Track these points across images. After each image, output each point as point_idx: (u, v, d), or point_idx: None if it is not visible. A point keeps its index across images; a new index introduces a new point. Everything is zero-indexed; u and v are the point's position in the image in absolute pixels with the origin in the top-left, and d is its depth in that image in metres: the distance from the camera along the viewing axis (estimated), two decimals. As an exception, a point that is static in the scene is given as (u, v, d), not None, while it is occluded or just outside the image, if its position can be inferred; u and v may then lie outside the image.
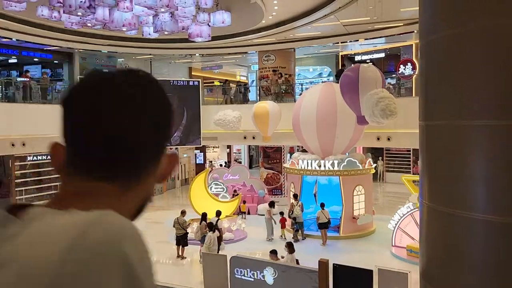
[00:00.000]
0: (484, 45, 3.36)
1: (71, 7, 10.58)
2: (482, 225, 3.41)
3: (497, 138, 3.30)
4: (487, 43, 3.33)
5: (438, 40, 3.81)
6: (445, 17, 3.71)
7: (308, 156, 14.24)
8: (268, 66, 19.33)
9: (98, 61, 20.44)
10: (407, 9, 13.59)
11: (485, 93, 3.35)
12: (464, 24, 3.50)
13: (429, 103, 4.04)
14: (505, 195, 3.27)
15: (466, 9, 3.48)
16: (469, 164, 3.52)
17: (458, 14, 3.53)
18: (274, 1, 12.81)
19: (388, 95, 10.03)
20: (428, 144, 4.09)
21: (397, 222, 12.41)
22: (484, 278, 3.40)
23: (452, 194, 3.68)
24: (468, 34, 3.46)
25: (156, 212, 18.71)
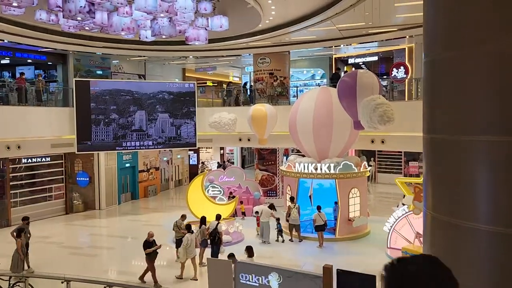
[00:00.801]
0: (488, 68, 3.55)
1: (71, 12, 10.59)
2: (484, 235, 3.60)
3: (500, 153, 3.50)
4: (492, 66, 3.52)
5: (443, 59, 4.00)
6: (450, 39, 3.90)
7: (305, 159, 14.42)
8: (264, 68, 19.48)
9: (92, 63, 20.35)
10: (401, 15, 13.86)
11: (489, 111, 3.55)
12: (469, 47, 3.70)
13: (434, 118, 4.22)
14: (507, 207, 3.47)
15: (472, 33, 3.67)
16: (472, 177, 3.72)
17: (463, 37, 3.73)
18: (272, 6, 12.95)
19: (385, 101, 10.24)
20: (432, 156, 4.28)
21: (392, 224, 12.65)
22: (487, 286, 3.60)
23: (456, 205, 3.87)
24: (473, 56, 3.66)
25: (152, 214, 18.80)
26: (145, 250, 10.47)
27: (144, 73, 23.01)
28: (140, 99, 17.75)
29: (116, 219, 18.36)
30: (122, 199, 20.85)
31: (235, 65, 26.22)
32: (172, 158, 24.86)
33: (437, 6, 4.11)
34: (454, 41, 3.83)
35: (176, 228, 11.89)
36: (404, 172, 25.55)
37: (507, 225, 3.46)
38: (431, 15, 4.25)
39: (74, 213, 18.87)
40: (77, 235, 16.23)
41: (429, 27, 4.30)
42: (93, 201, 19.40)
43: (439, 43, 4.11)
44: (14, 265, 10.63)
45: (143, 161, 22.17)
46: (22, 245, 10.79)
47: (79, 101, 16.44)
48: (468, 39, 3.70)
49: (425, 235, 4.56)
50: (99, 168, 19.24)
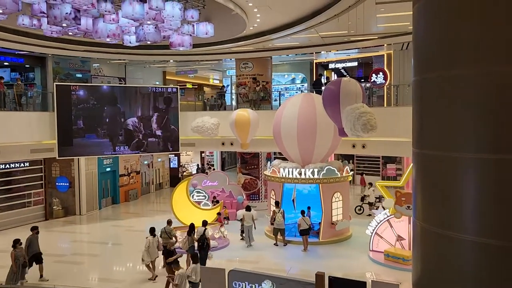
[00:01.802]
0: (478, 88, 3.83)
1: (56, 18, 10.46)
2: (471, 246, 3.89)
3: (487, 169, 3.78)
4: (482, 86, 3.80)
5: (433, 78, 4.27)
6: (441, 59, 4.16)
7: (289, 164, 14.66)
8: (246, 73, 19.63)
9: (71, 65, 20.04)
10: (382, 25, 14.28)
11: (478, 130, 3.82)
12: (460, 68, 3.96)
13: (424, 134, 4.48)
14: (492, 220, 3.75)
15: (463, 55, 3.94)
16: (460, 191, 3.99)
17: (454, 58, 3.99)
18: (257, 14, 13.11)
19: (368, 110, 10.56)
20: (422, 170, 4.54)
21: (374, 228, 13.02)
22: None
23: (444, 217, 4.15)
24: (464, 77, 3.93)
25: (134, 219, 18.65)
26: (167, 260, 10.36)
27: (125, 76, 22.81)
28: (122, 103, 17.60)
29: (97, 224, 18.14)
30: (103, 204, 20.62)
31: (217, 68, 26.30)
32: (152, 162, 24.72)
33: (427, 27, 4.36)
34: (445, 61, 4.09)
35: (165, 235, 11.89)
36: (382, 174, 26.17)
37: (493, 237, 3.75)
38: (421, 35, 4.50)
39: (54, 219, 18.54)
40: (59, 242, 15.97)
41: (419, 47, 4.55)
42: (73, 207, 19.12)
43: (429, 63, 4.36)
44: (8, 277, 10.41)
45: (123, 165, 21.96)
46: (16, 256, 10.49)
47: (60, 105, 16.18)
48: (459, 60, 3.96)
49: (414, 245, 4.82)
50: (79, 172, 18.97)
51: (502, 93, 3.70)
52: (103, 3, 10.33)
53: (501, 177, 3.76)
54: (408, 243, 12.43)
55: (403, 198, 12.24)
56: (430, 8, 4.29)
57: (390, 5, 11.44)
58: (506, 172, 3.70)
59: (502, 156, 3.74)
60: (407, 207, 12.12)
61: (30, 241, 11.34)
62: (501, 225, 3.76)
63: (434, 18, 4.26)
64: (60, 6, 10.20)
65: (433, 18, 4.27)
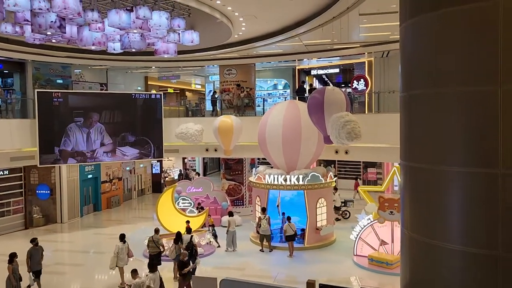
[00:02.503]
0: (460, 106, 4.03)
1: (41, 26, 10.34)
2: (458, 255, 4.09)
3: (473, 182, 3.98)
4: (463, 105, 4.01)
5: (419, 95, 4.47)
6: (425, 77, 4.36)
7: (274, 171, 14.81)
8: (230, 79, 19.73)
9: (52, 71, 19.72)
10: (364, 34, 14.63)
11: (464, 146, 4.03)
12: (442, 86, 4.17)
13: (412, 148, 4.68)
14: (477, 230, 3.96)
15: (444, 75, 4.14)
16: (447, 202, 4.20)
17: (437, 77, 4.19)
18: (242, 23, 13.25)
19: (353, 118, 10.82)
20: (410, 182, 4.74)
21: (358, 233, 13.29)
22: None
23: (432, 227, 4.34)
24: (447, 95, 4.14)
25: (117, 226, 18.43)
26: (181, 271, 10.26)
27: (106, 82, 22.57)
28: (105, 110, 17.43)
29: (80, 233, 17.88)
30: (85, 211, 20.34)
31: (199, 74, 26.29)
32: (134, 168, 24.51)
33: (412, 46, 4.57)
34: (430, 80, 4.29)
35: (152, 244, 11.87)
36: (363, 178, 26.64)
37: (478, 246, 3.95)
38: (407, 54, 4.70)
39: (34, 227, 18.18)
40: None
41: (405, 64, 4.75)
42: (54, 215, 18.80)
43: (415, 80, 4.56)
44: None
45: (105, 171, 21.72)
46: (13, 270, 10.25)
47: (41, 112, 15.91)
48: (442, 80, 4.16)
49: (402, 253, 5.00)
50: (61, 180, 18.68)
51: (483, 112, 3.89)
52: (90, 12, 10.29)
53: (486, 189, 3.95)
54: (391, 247, 12.74)
55: (386, 203, 12.54)
56: (415, 29, 4.49)
57: (372, 16, 11.76)
58: (491, 184, 3.89)
59: (487, 170, 3.94)
60: (390, 212, 12.44)
61: (31, 254, 11.08)
62: (488, 236, 3.95)
63: (418, 39, 4.45)
64: (45, 14, 10.10)
65: (418, 39, 4.46)
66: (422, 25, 4.37)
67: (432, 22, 4.22)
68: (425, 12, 4.33)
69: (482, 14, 3.87)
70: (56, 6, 9.19)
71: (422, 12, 4.38)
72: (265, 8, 11.65)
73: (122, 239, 11.82)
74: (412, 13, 4.61)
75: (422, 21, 4.37)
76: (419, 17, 4.46)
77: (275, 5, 11.33)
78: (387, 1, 10.17)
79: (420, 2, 4.44)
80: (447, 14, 4.09)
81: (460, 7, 3.99)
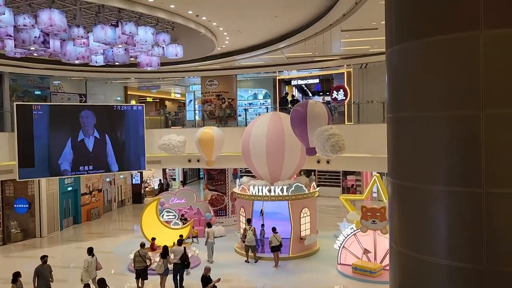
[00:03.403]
0: (443, 129, 4.28)
1: (25, 42, 10.25)
2: (444, 269, 4.32)
3: (457, 200, 4.23)
4: (446, 127, 4.26)
5: (405, 117, 4.71)
6: (410, 100, 4.60)
7: (258, 182, 14.99)
8: (212, 90, 19.85)
9: (30, 82, 19.39)
10: (345, 48, 15.04)
11: (448, 166, 4.29)
12: (427, 110, 4.42)
13: (399, 166, 4.91)
14: (462, 245, 4.21)
15: (428, 99, 4.38)
16: (433, 219, 4.43)
17: (421, 101, 4.43)
18: (226, 37, 13.43)
19: (337, 132, 11.12)
20: (398, 199, 4.97)
21: (342, 242, 13.58)
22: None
23: (419, 242, 4.57)
24: (433, 118, 4.39)
25: (99, 239, 18.19)
26: (206, 287, 10.16)
27: (85, 92, 22.30)
28: (86, 122, 17.25)
29: (60, 247, 17.54)
30: (64, 225, 19.98)
31: (180, 83, 26.29)
32: (114, 179, 24.22)
33: (398, 70, 4.83)
34: (415, 103, 4.54)
35: (139, 258, 11.82)
36: (342, 185, 27.10)
37: (464, 261, 4.21)
38: (392, 77, 4.95)
39: (12, 243, 17.73)
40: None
41: (391, 87, 4.99)
42: (33, 229, 18.39)
43: (401, 103, 4.80)
44: None
45: (85, 183, 21.41)
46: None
47: (20, 125, 15.63)
48: (427, 103, 4.41)
49: (391, 267, 5.23)
50: (40, 193, 18.32)
51: (467, 134, 4.13)
52: (76, 28, 10.27)
53: (470, 207, 4.20)
54: (374, 256, 13.06)
55: (368, 213, 12.88)
56: (401, 55, 4.72)
57: (354, 31, 12.14)
58: (475, 203, 4.14)
59: (471, 189, 4.20)
60: (372, 221, 12.78)
61: (38, 272, 10.77)
62: (473, 251, 4.20)
63: (404, 64, 4.67)
64: (29, 30, 10.02)
65: (404, 64, 4.68)
66: (408, 51, 4.59)
67: (417, 49, 4.43)
68: (409, 40, 4.58)
69: (464, 44, 4.13)
70: (42, 23, 9.16)
71: (407, 40, 4.63)
72: (249, 23, 11.88)
73: (90, 252, 11.87)
74: (397, 40, 4.86)
75: (408, 48, 4.60)
76: (404, 44, 4.70)
77: (260, 20, 11.57)
78: (368, 18, 10.55)
79: (405, 31, 4.69)
80: (431, 42, 4.35)
81: (443, 37, 4.26)
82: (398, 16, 4.80)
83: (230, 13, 10.89)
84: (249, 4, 10.02)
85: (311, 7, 10.27)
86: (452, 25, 4.14)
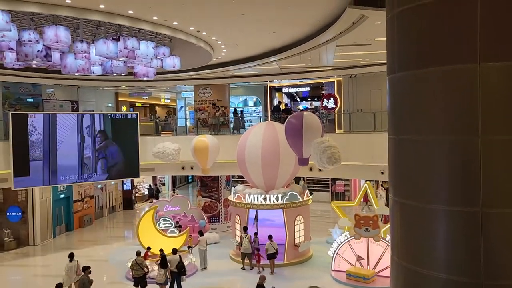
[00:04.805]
0: (445, 152, 4.63)
1: (28, 56, 10.40)
2: (443, 282, 4.68)
3: (456, 219, 4.59)
4: (448, 151, 4.62)
5: (406, 140, 5.08)
6: (410, 125, 4.95)
7: (254, 190, 15.30)
8: (205, 99, 20.11)
9: (22, 90, 19.35)
10: (338, 60, 15.49)
11: (448, 187, 4.65)
12: (429, 134, 4.79)
13: (400, 185, 5.27)
14: (461, 261, 4.58)
15: (427, 124, 4.74)
16: (433, 236, 4.78)
17: (421, 126, 4.78)
18: (223, 49, 13.72)
19: (333, 144, 11.53)
20: (399, 215, 5.33)
21: (336, 249, 13.98)
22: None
23: (419, 256, 4.93)
24: (433, 142, 4.76)
25: (93, 247, 18.24)
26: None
27: (77, 99, 22.33)
28: (81, 130, 17.32)
29: (54, 255, 17.51)
30: (57, 232, 19.95)
31: (171, 90, 26.45)
32: (106, 185, 24.22)
33: (397, 95, 5.18)
34: (415, 128, 4.89)
35: (136, 267, 12.04)
36: (331, 190, 27.60)
37: (462, 275, 4.58)
38: (393, 101, 5.30)
39: (5, 251, 17.65)
40: (15, 278, 15.30)
41: (392, 111, 5.35)
42: (26, 237, 18.34)
43: (402, 127, 5.14)
44: None
45: (77, 190, 21.40)
46: None
47: (15, 134, 15.63)
48: (426, 128, 4.78)
49: (392, 278, 5.57)
50: (33, 201, 18.29)
51: (465, 158, 4.47)
52: (79, 43, 10.44)
53: (469, 225, 4.55)
54: (367, 262, 13.50)
55: (361, 221, 13.32)
56: (402, 82, 5.06)
57: (348, 46, 12.58)
58: (473, 221, 4.51)
59: (469, 209, 4.57)
60: (365, 229, 13.22)
61: (83, 284, 10.97)
62: (471, 266, 4.57)
63: (405, 91, 5.00)
64: (32, 44, 10.16)
65: (405, 91, 5.01)
66: (409, 79, 4.90)
67: (418, 78, 4.77)
68: (411, 69, 4.94)
69: (462, 75, 4.51)
70: (48, 39, 9.32)
71: (409, 69, 4.98)
72: (247, 38, 12.21)
73: (71, 258, 12.45)
74: (400, 68, 5.21)
75: (409, 76, 4.94)
76: (406, 72, 5.06)
77: (258, 35, 11.91)
78: (363, 35, 10.99)
79: (407, 60, 5.04)
80: (432, 72, 4.73)
81: (441, 68, 4.64)
82: (401, 47, 5.15)
83: (230, 29, 11.21)
84: (249, 21, 10.35)
85: (309, 25, 10.66)
86: (452, 57, 4.50)
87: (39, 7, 8.72)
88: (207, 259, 14.85)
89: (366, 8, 8.18)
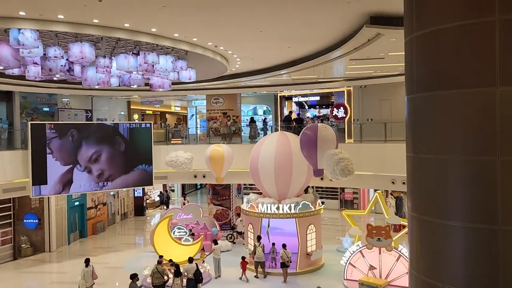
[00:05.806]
0: (463, 172, 4.78)
1: (52, 70, 10.76)
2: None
3: (475, 236, 4.80)
4: (466, 171, 4.79)
5: (425, 158, 5.29)
6: (431, 145, 5.15)
7: (267, 199, 15.55)
8: (217, 108, 20.43)
9: (39, 100, 19.79)
10: (350, 72, 15.76)
11: (467, 205, 4.86)
12: (448, 154, 4.96)
13: (419, 201, 5.47)
14: (479, 276, 4.78)
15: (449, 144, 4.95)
16: (450, 251, 4.99)
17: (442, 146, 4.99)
18: (238, 62, 14.04)
19: (346, 156, 11.77)
20: (418, 231, 5.52)
21: (348, 258, 14.17)
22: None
23: (436, 270, 5.14)
24: (451, 162, 4.92)
25: (108, 254, 18.55)
26: None
27: (91, 108, 22.75)
28: (97, 140, 17.68)
29: (70, 262, 17.85)
30: (71, 239, 20.31)
31: (182, 98, 26.82)
32: (118, 192, 24.58)
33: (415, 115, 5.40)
34: (438, 148, 5.12)
35: (157, 275, 12.34)
36: (340, 198, 27.77)
37: None
38: (415, 122, 5.53)
39: (22, 257, 18.01)
40: (32, 284, 15.61)
41: (414, 130, 5.58)
42: (42, 243, 18.70)
43: (425, 147, 5.36)
44: None
45: (91, 197, 21.77)
46: None
47: (34, 144, 16.03)
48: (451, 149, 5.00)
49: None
50: (49, 208, 18.66)
51: (484, 178, 4.65)
52: (102, 58, 10.79)
53: (487, 242, 4.75)
54: (379, 272, 13.67)
55: (374, 231, 13.51)
56: (421, 103, 5.23)
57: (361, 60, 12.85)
58: (492, 238, 4.71)
59: (488, 226, 4.79)
60: (377, 239, 13.41)
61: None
62: (489, 281, 4.78)
63: (424, 112, 5.13)
64: (56, 59, 10.53)
65: (424, 112, 5.15)
66: (428, 100, 5.12)
67: (438, 99, 5.00)
68: (431, 91, 5.16)
69: (481, 98, 4.73)
70: (74, 56, 9.67)
71: (428, 90, 5.19)
72: (263, 52, 12.51)
73: (87, 263, 12.97)
74: (419, 89, 5.43)
75: (429, 97, 5.16)
76: (425, 93, 5.28)
77: (273, 50, 12.21)
78: (377, 50, 11.25)
79: (427, 82, 5.25)
80: (451, 95, 4.95)
81: (461, 91, 4.88)
82: (419, 69, 5.37)
83: (247, 44, 11.52)
84: (267, 37, 10.65)
85: (324, 41, 10.95)
86: (471, 81, 4.70)
87: (69, 27, 9.08)
88: (221, 267, 15.09)
89: (383, 27, 8.44)
